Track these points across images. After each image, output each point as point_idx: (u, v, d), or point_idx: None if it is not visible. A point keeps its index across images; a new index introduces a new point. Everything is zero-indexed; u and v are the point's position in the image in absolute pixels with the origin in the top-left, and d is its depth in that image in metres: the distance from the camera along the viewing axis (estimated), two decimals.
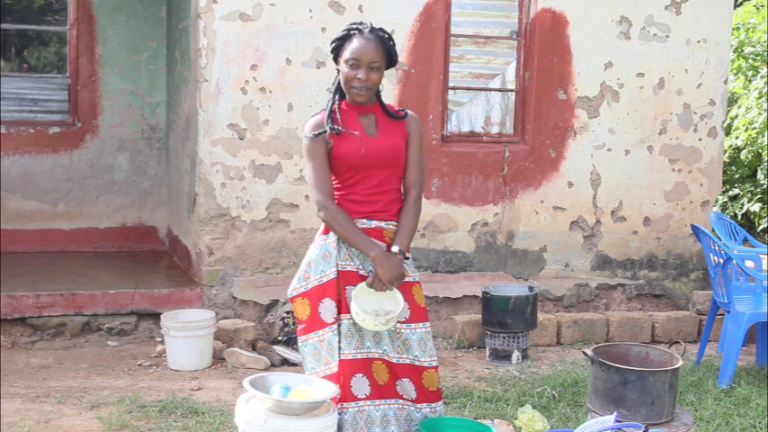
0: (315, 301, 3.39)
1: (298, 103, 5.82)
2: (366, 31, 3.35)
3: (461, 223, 6.22)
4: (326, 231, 3.45)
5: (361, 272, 3.40)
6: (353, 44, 3.33)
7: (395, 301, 3.36)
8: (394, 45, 3.41)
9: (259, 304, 5.85)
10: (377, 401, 3.39)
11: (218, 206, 5.77)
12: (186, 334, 5.20)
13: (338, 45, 3.39)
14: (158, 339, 5.61)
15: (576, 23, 6.27)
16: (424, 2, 6.01)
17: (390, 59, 3.41)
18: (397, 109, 3.54)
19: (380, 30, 3.39)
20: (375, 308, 3.32)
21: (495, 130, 6.57)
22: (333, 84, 3.45)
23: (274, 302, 5.83)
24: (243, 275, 5.84)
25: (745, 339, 5.42)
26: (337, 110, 3.40)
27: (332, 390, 3.21)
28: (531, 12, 6.25)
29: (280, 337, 5.52)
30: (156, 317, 5.65)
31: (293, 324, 5.49)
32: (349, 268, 3.39)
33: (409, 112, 3.55)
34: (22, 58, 7.43)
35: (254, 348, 5.45)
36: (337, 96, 3.42)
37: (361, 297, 3.32)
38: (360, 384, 3.35)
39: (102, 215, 7.28)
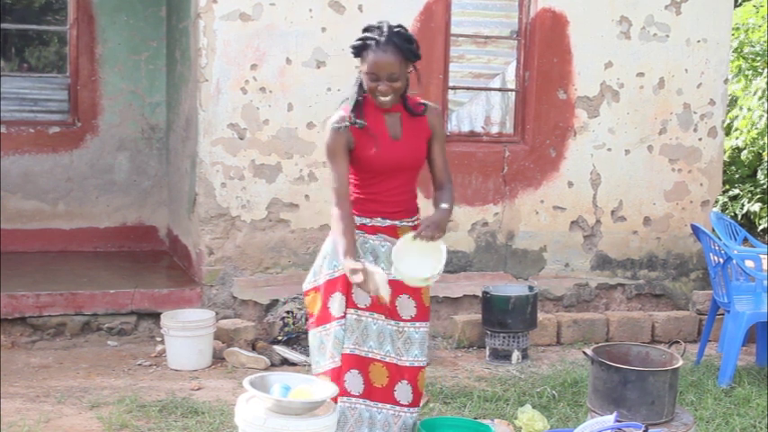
0: (326, 295, 3.42)
1: (298, 102, 5.82)
2: (382, 41, 3.28)
3: (461, 223, 6.21)
4: None
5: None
6: (371, 57, 3.29)
7: (437, 254, 3.26)
8: (413, 45, 3.34)
9: (259, 304, 5.85)
10: (369, 402, 3.40)
11: (218, 206, 5.77)
12: (186, 334, 5.20)
13: (356, 53, 3.36)
14: (158, 339, 5.61)
15: (577, 23, 6.27)
16: (424, 1, 6.01)
17: (410, 60, 3.35)
18: (417, 103, 3.48)
19: (397, 33, 3.31)
20: (416, 269, 3.24)
21: (495, 129, 6.57)
22: (357, 77, 3.41)
23: (274, 302, 5.82)
24: (243, 275, 5.84)
25: (745, 339, 5.42)
26: (361, 103, 3.37)
27: (332, 390, 3.22)
28: (531, 11, 6.25)
29: (280, 337, 5.52)
30: (156, 317, 5.65)
31: (293, 324, 5.50)
32: None
33: (429, 104, 3.51)
34: (22, 58, 7.43)
35: (254, 348, 5.45)
36: (361, 90, 3.39)
37: (401, 259, 3.24)
38: (354, 381, 3.36)
39: (102, 215, 7.28)
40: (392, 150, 3.37)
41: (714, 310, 5.65)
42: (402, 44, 3.31)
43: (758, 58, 8.91)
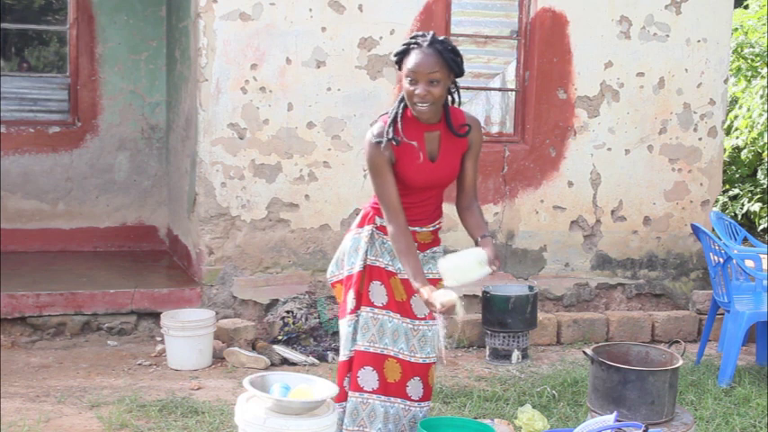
0: (346, 289, 3.48)
1: (298, 102, 5.82)
2: (425, 44, 3.23)
3: (461, 222, 6.20)
4: (362, 224, 3.48)
5: (389, 268, 3.44)
6: (411, 58, 3.24)
7: (473, 273, 3.28)
8: (457, 55, 3.28)
9: (259, 304, 5.85)
10: (383, 397, 3.42)
11: (218, 206, 5.77)
12: (186, 333, 5.20)
13: (399, 60, 3.31)
14: (158, 339, 5.61)
15: (577, 23, 6.27)
16: (424, 1, 6.00)
17: (453, 71, 3.28)
18: (461, 124, 3.39)
19: (442, 42, 3.26)
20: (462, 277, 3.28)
21: (495, 129, 6.57)
22: (401, 94, 3.36)
23: (274, 302, 5.83)
24: (243, 275, 5.84)
25: (745, 339, 5.42)
26: (399, 119, 3.31)
27: (332, 389, 3.23)
28: (531, 11, 6.25)
29: (280, 337, 5.52)
30: (156, 316, 5.65)
31: (293, 324, 5.51)
32: (378, 264, 3.44)
33: (472, 120, 3.43)
34: (22, 58, 7.43)
35: (253, 348, 5.45)
36: (402, 105, 3.33)
37: (454, 270, 3.25)
38: (368, 377, 3.40)
39: (102, 215, 7.28)
40: (427, 171, 3.34)
41: (714, 310, 5.65)
42: (444, 51, 3.24)
43: (758, 59, 8.91)
